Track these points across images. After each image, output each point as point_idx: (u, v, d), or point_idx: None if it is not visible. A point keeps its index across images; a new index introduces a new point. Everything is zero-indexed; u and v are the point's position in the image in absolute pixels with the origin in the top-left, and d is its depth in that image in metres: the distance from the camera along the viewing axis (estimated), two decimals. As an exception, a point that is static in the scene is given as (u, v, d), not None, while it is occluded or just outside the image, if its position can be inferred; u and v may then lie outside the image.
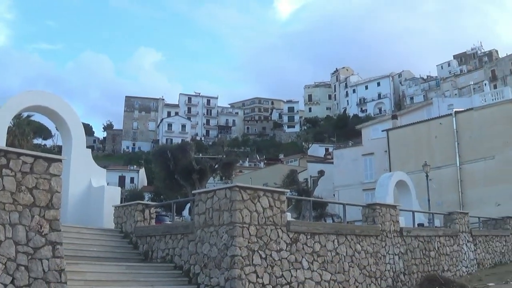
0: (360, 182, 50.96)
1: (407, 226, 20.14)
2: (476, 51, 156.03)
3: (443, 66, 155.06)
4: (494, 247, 26.86)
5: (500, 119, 41.33)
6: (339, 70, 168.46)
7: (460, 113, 43.64)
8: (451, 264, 21.55)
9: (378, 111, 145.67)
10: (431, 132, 44.66)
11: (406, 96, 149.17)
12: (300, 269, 13.37)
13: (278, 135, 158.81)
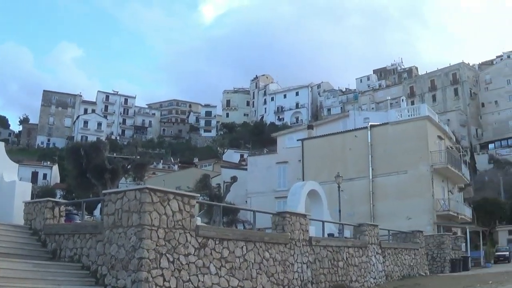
0: (273, 189, 52.01)
1: (317, 236, 20.70)
2: (396, 67, 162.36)
3: (362, 80, 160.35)
4: (403, 260, 28.07)
5: (415, 135, 43.41)
6: (259, 77, 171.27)
7: (375, 127, 45.47)
8: (359, 275, 22.31)
9: (295, 120, 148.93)
10: (345, 144, 46.24)
11: (323, 107, 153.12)
12: (208, 274, 13.62)
13: (194, 138, 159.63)
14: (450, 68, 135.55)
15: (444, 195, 45.06)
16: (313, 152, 47.93)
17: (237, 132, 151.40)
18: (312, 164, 47.06)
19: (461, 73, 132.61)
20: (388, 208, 41.69)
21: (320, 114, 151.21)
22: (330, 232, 23.77)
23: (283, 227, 18.08)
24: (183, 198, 13.40)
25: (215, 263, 14.07)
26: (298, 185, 26.99)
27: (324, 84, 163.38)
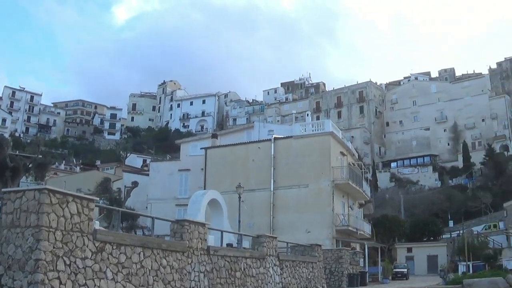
0: (174, 197, 52.51)
1: (216, 245, 21.15)
2: (304, 81, 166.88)
3: (269, 92, 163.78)
4: (300, 272, 28.86)
5: (318, 150, 45.00)
6: (167, 83, 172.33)
7: (279, 140, 46.76)
8: (256, 286, 22.91)
9: (200, 128, 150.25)
10: (249, 155, 47.27)
11: (229, 117, 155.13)
12: (104, 279, 13.85)
13: (97, 140, 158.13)
14: (357, 86, 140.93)
15: (344, 210, 46.77)
16: (216, 161, 48.67)
17: (141, 137, 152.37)
18: (214, 173, 47.78)
19: (368, 91, 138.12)
20: (288, 221, 42.98)
21: (226, 123, 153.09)
22: (229, 242, 24.35)
23: (181, 235, 18.37)
24: (82, 201, 13.57)
25: (112, 268, 14.27)
26: (199, 193, 27.53)
27: (231, 94, 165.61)
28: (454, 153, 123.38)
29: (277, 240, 26.81)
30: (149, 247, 16.29)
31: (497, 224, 79.10)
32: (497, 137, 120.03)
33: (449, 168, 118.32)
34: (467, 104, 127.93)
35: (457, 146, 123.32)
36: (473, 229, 76.05)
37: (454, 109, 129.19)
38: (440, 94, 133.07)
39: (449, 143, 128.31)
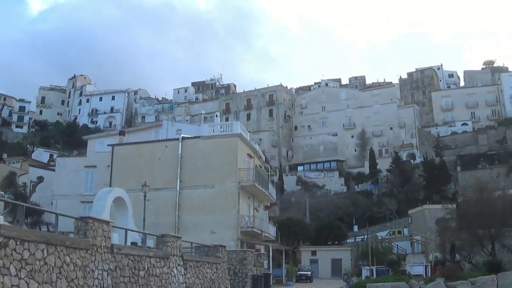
0: (79, 193, 52.22)
1: (120, 244, 21.26)
2: (215, 82, 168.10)
3: (180, 91, 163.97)
4: (204, 273, 29.23)
5: (225, 151, 45.71)
6: (77, 77, 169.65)
7: (187, 139, 47.19)
8: (160, 285, 23.13)
9: (109, 125, 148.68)
10: (156, 154, 47.47)
11: (138, 114, 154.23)
12: (8, 275, 13.77)
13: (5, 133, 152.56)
14: (267, 89, 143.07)
15: (250, 212, 47.73)
16: (122, 159, 48.54)
17: (49, 131, 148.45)
18: (120, 171, 47.62)
19: (278, 95, 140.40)
20: (194, 221, 43.46)
21: (135, 121, 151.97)
22: (134, 241, 24.53)
23: (85, 233, 18.36)
24: (-14, 195, 13.70)
25: (16, 264, 14.20)
26: (105, 191, 27.63)
27: (141, 91, 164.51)
28: (361, 159, 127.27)
29: (182, 240, 27.04)
30: (53, 243, 16.18)
31: (401, 230, 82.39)
32: (404, 145, 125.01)
33: (355, 174, 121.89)
34: (376, 112, 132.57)
35: (364, 153, 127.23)
36: (378, 234, 78.96)
37: (363, 116, 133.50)
38: (350, 101, 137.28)
39: (356, 149, 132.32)
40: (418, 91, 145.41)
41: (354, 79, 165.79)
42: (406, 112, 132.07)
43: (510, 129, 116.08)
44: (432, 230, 70.75)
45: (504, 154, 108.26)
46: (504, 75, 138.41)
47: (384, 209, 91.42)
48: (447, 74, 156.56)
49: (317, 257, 68.85)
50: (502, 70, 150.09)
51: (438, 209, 72.28)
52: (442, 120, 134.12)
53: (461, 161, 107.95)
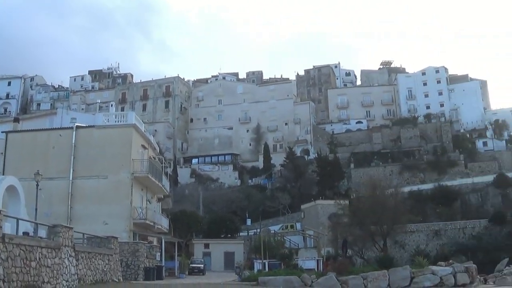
0: (-35, 182, 49.89)
1: (11, 233, 20.87)
2: (112, 71, 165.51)
3: (76, 79, 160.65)
4: (96, 264, 29.17)
5: (119, 141, 45.33)
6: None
7: (81, 128, 46.38)
8: (52, 276, 22.88)
9: (4, 111, 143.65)
10: (50, 142, 46.31)
11: (33, 101, 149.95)
12: None
13: None
14: (164, 80, 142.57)
15: (143, 203, 47.59)
16: (16, 147, 46.98)
17: None
18: (14, 159, 46.09)
19: (175, 86, 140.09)
20: (86, 211, 42.71)
21: (30, 107, 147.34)
22: (26, 231, 24.12)
23: None
24: None
25: None
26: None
27: (38, 77, 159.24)
28: (256, 153, 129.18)
29: (74, 231, 26.77)
30: None
31: (294, 225, 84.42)
32: (298, 141, 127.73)
33: (249, 168, 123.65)
34: (272, 107, 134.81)
35: (259, 147, 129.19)
36: (270, 228, 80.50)
37: (259, 111, 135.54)
38: (246, 95, 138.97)
39: (251, 143, 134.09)
40: (315, 88, 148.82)
41: (251, 74, 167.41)
42: (301, 108, 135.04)
43: (404, 128, 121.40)
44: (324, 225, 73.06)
45: (397, 153, 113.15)
46: (401, 76, 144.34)
47: (277, 203, 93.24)
48: (344, 73, 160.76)
49: (210, 250, 69.43)
50: (399, 71, 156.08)
51: (330, 205, 74.66)
52: (337, 117, 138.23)
53: (354, 159, 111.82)
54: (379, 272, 34.20)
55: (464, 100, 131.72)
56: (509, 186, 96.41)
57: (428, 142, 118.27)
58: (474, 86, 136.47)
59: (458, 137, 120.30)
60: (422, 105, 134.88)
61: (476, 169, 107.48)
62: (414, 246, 75.44)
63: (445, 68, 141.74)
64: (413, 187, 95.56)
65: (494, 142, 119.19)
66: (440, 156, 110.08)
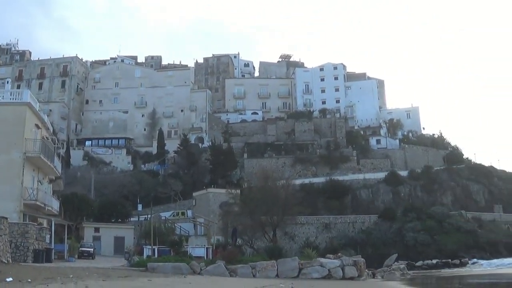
0: None
1: None
2: (11, 47, 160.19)
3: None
4: None
5: (12, 119, 44.28)
6: None
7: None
8: None
9: None
10: None
11: None
12: None
13: None
14: (62, 60, 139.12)
15: (34, 184, 46.73)
16: None
17: None
18: None
19: (72, 66, 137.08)
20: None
21: None
22: None
23: None
24: None
25: None
26: None
27: None
28: (150, 139, 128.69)
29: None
30: None
31: (185, 212, 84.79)
32: (193, 128, 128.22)
33: (143, 153, 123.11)
34: (169, 93, 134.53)
35: (153, 133, 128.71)
36: (161, 214, 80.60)
37: (155, 96, 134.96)
38: (144, 80, 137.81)
39: (145, 128, 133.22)
40: (213, 76, 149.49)
41: (150, 59, 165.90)
42: (198, 96, 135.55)
43: (299, 122, 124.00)
44: (215, 213, 74.00)
45: (291, 146, 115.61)
46: (299, 70, 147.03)
47: (170, 190, 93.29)
48: (243, 63, 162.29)
49: (100, 234, 68.55)
50: (298, 65, 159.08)
51: (222, 194, 75.68)
52: (233, 107, 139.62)
53: (248, 149, 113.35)
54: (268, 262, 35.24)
55: (360, 98, 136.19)
56: (400, 184, 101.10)
57: (322, 137, 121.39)
58: (370, 85, 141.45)
59: (352, 134, 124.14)
60: (318, 100, 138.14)
61: (368, 165, 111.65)
62: (304, 238, 77.57)
63: (344, 65, 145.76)
64: (305, 180, 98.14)
65: (388, 141, 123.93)
66: (333, 151, 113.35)
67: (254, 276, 33.83)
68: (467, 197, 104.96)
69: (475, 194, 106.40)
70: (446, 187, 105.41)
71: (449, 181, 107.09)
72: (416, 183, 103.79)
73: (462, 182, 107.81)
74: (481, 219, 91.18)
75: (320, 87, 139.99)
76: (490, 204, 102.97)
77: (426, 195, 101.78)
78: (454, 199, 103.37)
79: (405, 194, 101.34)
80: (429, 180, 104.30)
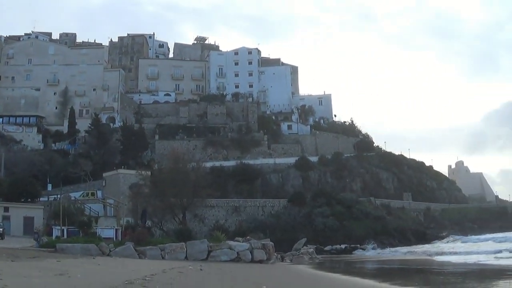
0: None
1: None
2: None
3: None
4: None
5: None
6: None
7: None
8: None
9: None
10: None
11: None
12: None
13: None
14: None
15: None
16: None
17: None
18: None
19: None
20: None
21: None
22: None
23: None
24: None
25: None
26: None
27: None
28: (61, 117, 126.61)
29: None
30: None
31: (95, 192, 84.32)
32: (105, 108, 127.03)
33: (53, 132, 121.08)
34: (82, 72, 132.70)
35: (65, 111, 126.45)
36: (71, 195, 79.81)
37: (68, 74, 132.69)
38: (57, 57, 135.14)
39: (57, 107, 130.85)
40: (127, 56, 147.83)
41: (65, 36, 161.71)
42: (111, 75, 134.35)
43: (211, 105, 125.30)
44: (125, 194, 74.16)
45: (203, 128, 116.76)
46: (213, 53, 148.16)
47: (80, 170, 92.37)
48: (158, 44, 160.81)
49: (9, 213, 67.63)
50: (213, 48, 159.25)
51: (132, 175, 76.11)
52: (146, 88, 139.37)
53: (160, 130, 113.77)
54: (177, 244, 36.10)
55: (274, 83, 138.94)
56: (310, 169, 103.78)
57: (234, 121, 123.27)
58: (284, 71, 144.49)
59: (264, 118, 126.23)
60: (232, 84, 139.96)
61: (279, 150, 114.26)
62: (213, 221, 79.11)
63: (258, 50, 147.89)
64: (215, 163, 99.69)
65: (299, 126, 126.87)
66: (245, 135, 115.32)
67: (163, 258, 34.23)
68: (377, 184, 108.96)
69: (385, 182, 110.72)
70: (355, 174, 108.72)
71: (359, 168, 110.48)
72: (326, 169, 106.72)
73: (372, 169, 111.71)
74: (390, 206, 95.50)
75: (234, 71, 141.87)
76: (399, 192, 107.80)
77: (336, 181, 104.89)
78: (363, 186, 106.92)
79: (315, 180, 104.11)
80: (339, 166, 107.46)
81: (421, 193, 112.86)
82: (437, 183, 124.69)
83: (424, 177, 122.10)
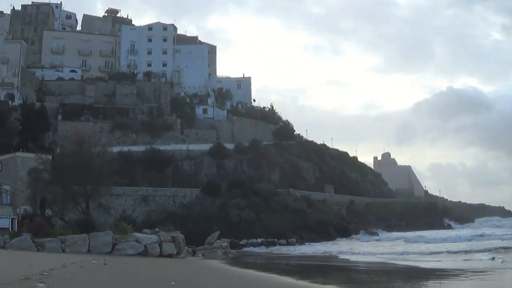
0: None
1: None
2: None
3: None
4: None
5: None
6: None
7: None
8: None
9: None
10: None
11: None
12: None
13: None
14: None
15: None
16: None
17: None
18: None
19: None
20: None
21: None
22: None
23: None
24: None
25: None
26: None
27: None
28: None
29: None
30: None
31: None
32: (4, 83, 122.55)
33: None
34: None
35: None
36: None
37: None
38: None
39: None
40: (30, 27, 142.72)
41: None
42: (12, 47, 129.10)
43: (120, 84, 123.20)
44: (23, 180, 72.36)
45: (110, 110, 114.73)
46: (126, 28, 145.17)
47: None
48: (65, 15, 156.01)
49: None
50: (126, 22, 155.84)
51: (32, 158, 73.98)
52: (50, 63, 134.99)
53: (63, 110, 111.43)
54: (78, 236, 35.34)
55: (189, 63, 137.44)
56: (225, 157, 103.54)
57: (145, 102, 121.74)
58: (201, 50, 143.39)
59: (178, 101, 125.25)
60: (144, 62, 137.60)
61: (193, 135, 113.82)
62: (120, 211, 78.22)
63: (174, 26, 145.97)
64: (123, 147, 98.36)
65: (215, 111, 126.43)
66: (156, 118, 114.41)
67: (64, 251, 33.39)
68: (297, 175, 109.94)
69: (305, 172, 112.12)
70: (274, 163, 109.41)
71: (278, 157, 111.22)
72: (242, 157, 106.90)
73: (292, 159, 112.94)
74: (311, 198, 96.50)
75: (146, 48, 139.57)
76: (321, 184, 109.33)
77: (253, 170, 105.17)
78: (282, 176, 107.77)
79: (231, 169, 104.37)
80: (256, 154, 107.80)
81: (344, 185, 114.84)
82: (362, 175, 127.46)
83: (348, 168, 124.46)
